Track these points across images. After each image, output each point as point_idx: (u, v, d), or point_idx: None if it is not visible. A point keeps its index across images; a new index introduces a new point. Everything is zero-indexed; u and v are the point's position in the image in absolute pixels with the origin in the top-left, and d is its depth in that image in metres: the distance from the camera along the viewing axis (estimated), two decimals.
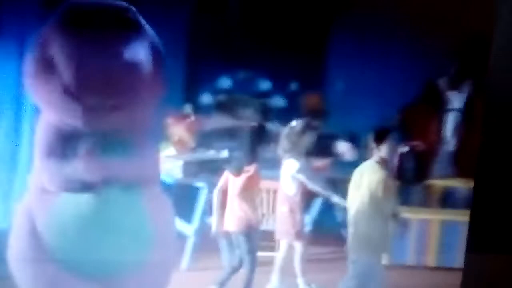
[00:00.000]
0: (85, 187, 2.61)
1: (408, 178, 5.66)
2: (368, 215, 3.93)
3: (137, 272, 2.70)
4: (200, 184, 5.08)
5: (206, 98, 6.14)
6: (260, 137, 4.58)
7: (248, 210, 4.32)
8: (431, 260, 5.29)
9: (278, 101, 6.53)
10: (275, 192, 4.80)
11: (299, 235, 4.66)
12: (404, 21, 6.28)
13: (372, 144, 4.13)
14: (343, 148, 5.67)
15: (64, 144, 2.61)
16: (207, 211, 5.15)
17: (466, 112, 6.15)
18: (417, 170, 5.67)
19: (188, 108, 5.76)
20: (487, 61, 6.01)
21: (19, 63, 5.04)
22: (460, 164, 6.09)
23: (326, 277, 4.80)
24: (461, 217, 5.30)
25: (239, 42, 6.31)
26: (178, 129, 5.66)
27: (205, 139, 5.67)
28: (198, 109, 5.88)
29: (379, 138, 4.08)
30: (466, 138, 6.14)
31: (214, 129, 5.87)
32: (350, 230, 4.10)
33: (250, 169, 4.40)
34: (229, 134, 5.89)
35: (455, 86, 6.22)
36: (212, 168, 5.24)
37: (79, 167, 2.60)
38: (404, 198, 5.62)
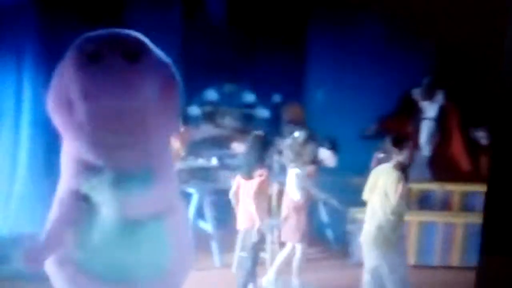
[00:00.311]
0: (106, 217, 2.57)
1: None
2: (384, 216, 4.08)
3: (156, 281, 2.76)
4: (191, 190, 5.28)
5: (194, 110, 6.39)
6: (267, 144, 4.74)
7: (259, 211, 4.54)
8: (411, 259, 5.55)
9: (262, 112, 6.81)
10: None
11: (303, 238, 4.82)
12: (381, 37, 6.62)
13: (392, 149, 4.25)
14: (324, 155, 5.93)
15: (85, 174, 2.51)
16: (199, 215, 5.38)
17: (439, 120, 6.48)
18: None
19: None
20: (459, 73, 6.37)
21: (16, 75, 5.25)
22: (436, 169, 6.41)
23: (314, 275, 5.04)
24: (439, 218, 5.62)
25: (224, 56, 6.58)
26: None
27: (194, 148, 5.87)
28: (187, 120, 6.10)
29: (400, 144, 4.22)
30: (440, 144, 6.46)
31: (203, 138, 6.10)
32: (366, 229, 4.24)
33: (263, 174, 4.62)
34: (217, 143, 6.13)
35: (428, 96, 6.52)
36: (202, 175, 5.46)
37: (99, 201, 2.55)
38: None
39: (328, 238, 5.74)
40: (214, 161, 5.68)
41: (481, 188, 5.86)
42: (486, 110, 6.23)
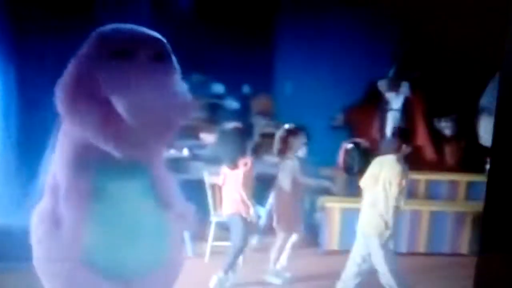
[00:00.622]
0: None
1: (354, 171, 6.01)
2: (387, 206, 4.27)
3: (157, 275, 2.77)
4: None
5: None
6: (247, 135, 4.86)
7: (246, 197, 4.69)
8: None
9: (231, 103, 6.88)
10: None
11: (296, 227, 4.97)
12: (348, 29, 6.75)
13: (400, 143, 4.39)
14: None
15: (98, 169, 2.49)
16: None
17: (405, 111, 6.64)
18: (361, 164, 6.00)
19: None
20: (423, 65, 6.54)
21: None
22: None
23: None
24: (406, 206, 5.77)
25: (193, 46, 6.60)
26: None
27: None
28: None
29: (408, 139, 4.42)
30: None
31: None
32: (366, 218, 4.42)
33: (248, 163, 4.75)
34: (186, 134, 6.15)
35: (394, 88, 6.67)
36: (174, 166, 5.47)
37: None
38: (351, 189, 6.03)
39: None
40: (185, 152, 5.72)
41: (446, 177, 6.13)
42: (450, 101, 6.43)
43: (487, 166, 6.42)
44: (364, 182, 4.50)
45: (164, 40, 2.51)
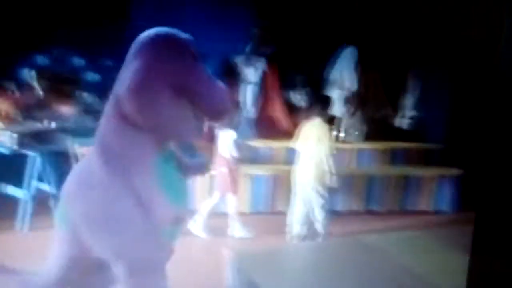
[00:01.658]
0: None
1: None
2: (320, 157, 5.10)
3: None
4: (32, 153, 5.25)
5: (26, 74, 6.30)
6: None
7: None
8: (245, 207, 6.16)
9: (92, 76, 6.92)
10: None
11: (235, 189, 5.52)
12: (205, 6, 7.05)
13: (322, 108, 5.30)
14: None
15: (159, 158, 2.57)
16: (41, 177, 5.38)
17: (260, 85, 7.09)
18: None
19: (9, 84, 5.92)
20: (278, 41, 7.00)
21: None
22: (260, 128, 7.01)
23: None
24: (263, 172, 6.25)
25: (53, 21, 6.55)
26: (1, 104, 5.79)
27: (31, 111, 5.81)
28: (21, 84, 6.04)
29: (327, 104, 5.40)
30: (263, 107, 7.07)
31: (39, 102, 6.05)
32: (306, 169, 5.18)
33: None
34: (54, 107, 6.13)
35: (250, 63, 7.07)
36: (44, 138, 5.45)
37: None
38: None
39: None
40: (53, 125, 5.70)
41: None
42: (303, 74, 6.97)
43: (335, 134, 7.18)
44: (300, 144, 5.29)
45: None
